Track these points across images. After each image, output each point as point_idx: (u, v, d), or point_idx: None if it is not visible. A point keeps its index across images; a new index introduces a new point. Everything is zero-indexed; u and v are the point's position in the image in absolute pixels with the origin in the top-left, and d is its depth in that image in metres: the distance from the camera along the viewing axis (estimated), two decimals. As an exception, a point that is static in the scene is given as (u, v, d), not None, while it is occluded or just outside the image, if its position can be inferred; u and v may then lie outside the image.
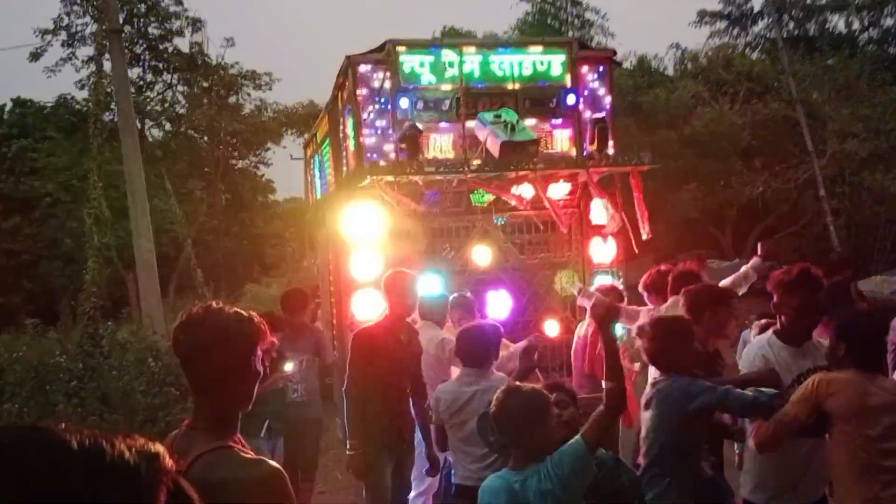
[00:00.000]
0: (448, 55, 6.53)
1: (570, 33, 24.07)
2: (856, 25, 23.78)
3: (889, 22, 23.63)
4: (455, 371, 5.03)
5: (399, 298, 5.01)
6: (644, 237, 6.51)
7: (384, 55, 6.44)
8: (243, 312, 2.34)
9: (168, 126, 24.24)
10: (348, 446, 4.89)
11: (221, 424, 2.30)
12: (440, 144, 6.49)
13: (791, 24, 23.80)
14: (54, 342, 11.42)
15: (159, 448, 1.06)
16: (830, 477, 3.71)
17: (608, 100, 6.80)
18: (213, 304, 2.37)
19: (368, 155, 6.31)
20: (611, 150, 6.59)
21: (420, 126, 6.21)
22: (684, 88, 21.61)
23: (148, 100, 23.06)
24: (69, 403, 7.29)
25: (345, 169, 6.98)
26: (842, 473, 3.55)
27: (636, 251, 6.91)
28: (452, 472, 4.58)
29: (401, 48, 6.47)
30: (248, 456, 2.27)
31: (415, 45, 6.60)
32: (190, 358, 2.33)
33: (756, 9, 23.70)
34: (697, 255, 8.09)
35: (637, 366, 5.33)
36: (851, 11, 22.94)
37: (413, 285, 5.13)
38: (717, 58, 22.73)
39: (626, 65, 24.09)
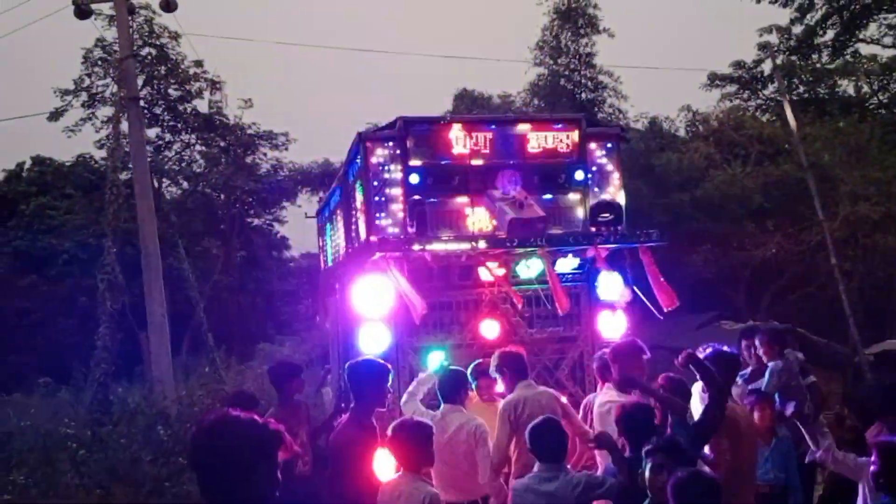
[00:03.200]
0: (458, 131, 6.64)
1: (584, 95, 24.32)
2: (865, 90, 23.93)
3: (898, 86, 23.78)
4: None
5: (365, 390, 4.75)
6: (665, 309, 6.47)
7: (395, 131, 6.56)
8: (258, 421, 2.31)
9: (185, 184, 24.52)
10: None
11: None
12: (450, 219, 6.56)
13: (801, 88, 23.97)
14: (65, 403, 11.42)
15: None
16: None
17: (616, 175, 6.87)
18: (228, 413, 2.33)
19: (378, 230, 6.37)
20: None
21: (427, 201, 6.28)
22: (696, 151, 21.73)
23: (166, 159, 23.39)
24: (76, 473, 7.27)
25: (355, 242, 7.05)
26: None
27: (661, 317, 6.79)
28: None
29: (411, 124, 6.59)
30: None
31: (425, 122, 6.71)
32: (200, 468, 2.32)
33: (766, 72, 23.89)
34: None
35: None
36: (860, 76, 23.11)
37: (378, 375, 4.80)
38: (729, 120, 22.88)
39: (638, 126, 24.27)
